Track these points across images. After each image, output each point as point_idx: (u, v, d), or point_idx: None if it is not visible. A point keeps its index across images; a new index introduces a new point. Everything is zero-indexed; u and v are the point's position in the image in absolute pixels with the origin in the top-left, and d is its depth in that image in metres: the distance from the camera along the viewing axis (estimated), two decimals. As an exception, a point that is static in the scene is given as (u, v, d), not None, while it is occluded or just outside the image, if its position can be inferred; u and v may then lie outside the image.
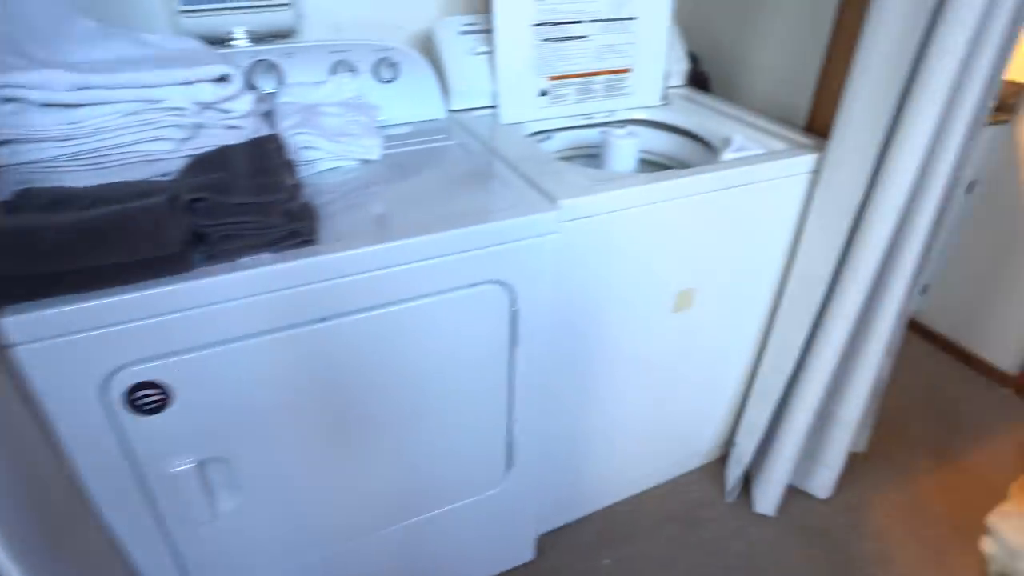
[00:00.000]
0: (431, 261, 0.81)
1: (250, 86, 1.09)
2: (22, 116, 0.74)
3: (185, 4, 1.09)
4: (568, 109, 1.29)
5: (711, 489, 1.49)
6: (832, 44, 1.16)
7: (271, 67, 1.09)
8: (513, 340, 0.93)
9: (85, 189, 0.76)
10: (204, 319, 0.73)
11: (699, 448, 1.50)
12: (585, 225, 0.92)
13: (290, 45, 1.13)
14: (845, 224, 1.08)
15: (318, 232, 0.78)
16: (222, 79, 0.83)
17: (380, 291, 0.80)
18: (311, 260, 0.75)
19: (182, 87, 0.80)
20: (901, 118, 0.98)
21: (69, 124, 0.76)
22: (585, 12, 1.24)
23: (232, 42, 1.15)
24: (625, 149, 1.20)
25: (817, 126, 1.21)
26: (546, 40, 1.22)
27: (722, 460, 1.54)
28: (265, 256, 0.74)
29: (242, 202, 0.71)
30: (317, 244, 0.77)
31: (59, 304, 0.67)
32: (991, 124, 1.69)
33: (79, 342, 0.70)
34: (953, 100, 0.97)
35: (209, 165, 0.77)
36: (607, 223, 0.94)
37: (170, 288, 0.70)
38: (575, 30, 1.24)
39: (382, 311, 0.82)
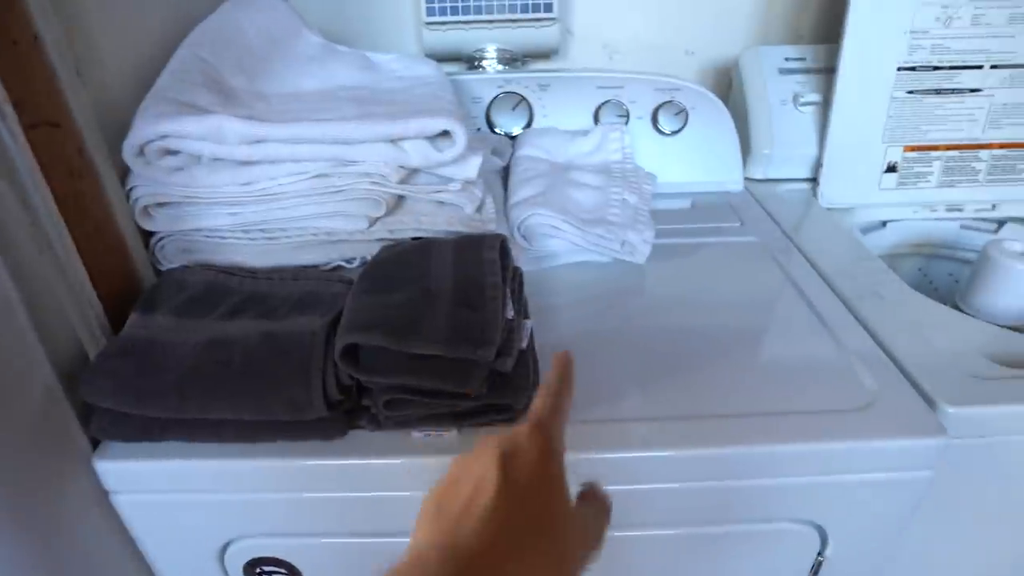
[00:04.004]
0: (697, 483, 0.49)
1: (489, 126, 0.84)
2: (187, 173, 0.55)
3: (430, 15, 0.87)
4: (924, 195, 0.86)
5: None
6: None
7: (519, 102, 0.84)
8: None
9: (242, 280, 0.55)
10: (346, 505, 0.49)
11: None
12: (979, 447, 0.52)
13: (549, 73, 0.86)
14: None
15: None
16: (443, 135, 0.58)
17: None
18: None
19: (386, 146, 0.56)
20: None
21: (240, 186, 0.56)
22: (988, 52, 0.80)
23: (482, 63, 0.92)
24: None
25: None
26: (913, 92, 0.81)
27: None
28: (447, 435, 0.48)
29: (425, 355, 0.44)
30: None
31: (167, 456, 0.47)
32: None
33: (188, 502, 0.50)
34: None
35: (397, 270, 0.52)
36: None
37: (300, 463, 0.47)
38: (964, 79, 0.81)
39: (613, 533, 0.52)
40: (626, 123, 0.81)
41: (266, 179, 0.56)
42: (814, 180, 0.86)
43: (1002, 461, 0.54)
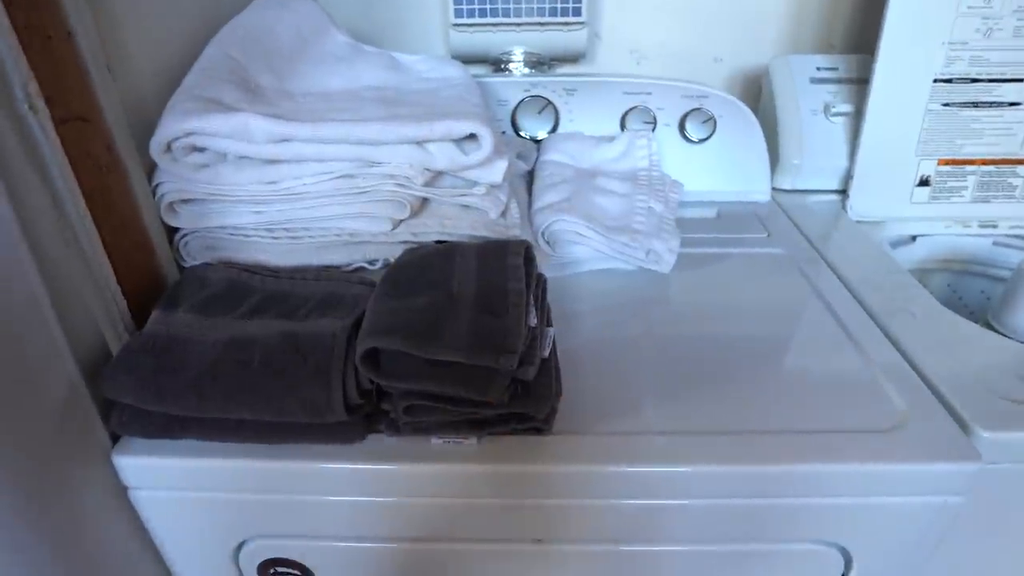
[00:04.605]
0: (720, 500, 0.48)
1: (515, 129, 0.84)
2: (213, 170, 0.55)
3: (458, 16, 0.87)
4: (957, 210, 0.85)
5: None
6: None
7: (545, 106, 0.83)
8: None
9: (263, 279, 0.55)
10: (362, 510, 0.49)
11: None
12: (1014, 473, 0.51)
13: (576, 77, 0.86)
14: None
15: (555, 411, 0.49)
16: (469, 138, 0.58)
17: (633, 525, 0.49)
18: (538, 468, 0.46)
19: (412, 148, 0.56)
20: None
21: (265, 184, 0.56)
22: (1029, 66, 0.78)
23: (508, 66, 0.92)
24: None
25: None
26: (949, 105, 0.80)
27: None
28: (467, 443, 0.47)
29: (445, 361, 0.44)
30: (552, 433, 0.48)
31: (185, 454, 0.47)
32: None
33: (205, 500, 0.50)
34: None
35: (420, 274, 0.52)
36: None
37: (317, 465, 0.47)
38: (1003, 93, 0.79)
39: (633, 548, 0.51)
40: (653, 130, 0.80)
41: (291, 178, 0.56)
42: (843, 192, 0.84)
43: (1037, 489, 0.52)
